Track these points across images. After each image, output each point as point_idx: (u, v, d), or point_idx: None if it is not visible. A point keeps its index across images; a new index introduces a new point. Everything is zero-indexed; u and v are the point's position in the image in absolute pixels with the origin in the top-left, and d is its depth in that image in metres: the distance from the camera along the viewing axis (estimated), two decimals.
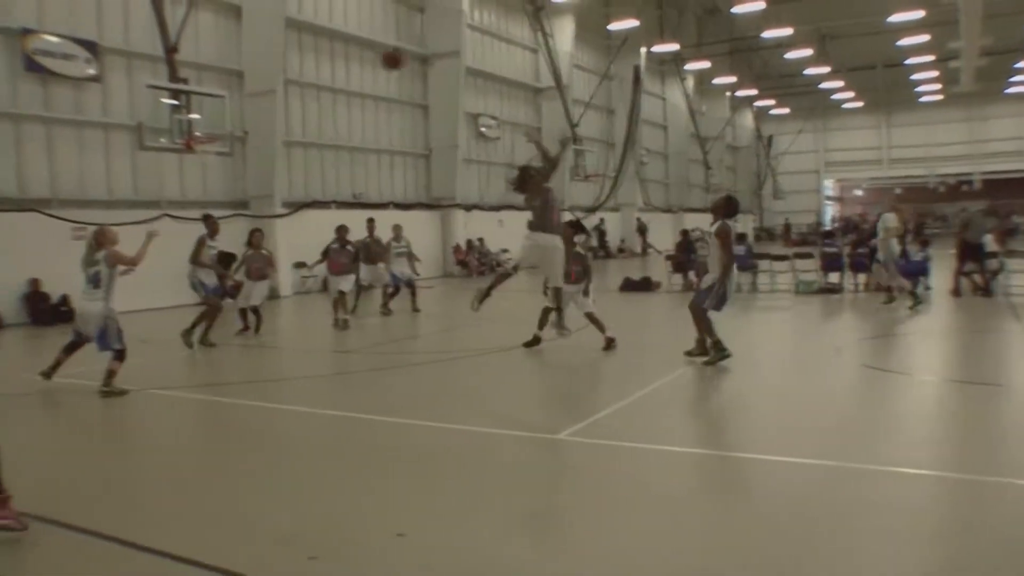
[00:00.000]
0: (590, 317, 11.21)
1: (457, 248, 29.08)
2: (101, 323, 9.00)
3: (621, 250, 40.46)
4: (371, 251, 16.26)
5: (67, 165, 17.95)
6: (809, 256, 19.54)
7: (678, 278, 20.44)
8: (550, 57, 33.35)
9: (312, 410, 8.22)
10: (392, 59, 12.27)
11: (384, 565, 4.31)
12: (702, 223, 39.50)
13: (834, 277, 18.64)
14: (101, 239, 9.17)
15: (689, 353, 9.90)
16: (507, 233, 32.09)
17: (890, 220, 15.13)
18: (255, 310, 13.76)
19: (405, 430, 7.21)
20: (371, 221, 16.72)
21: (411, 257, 17.04)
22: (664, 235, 40.53)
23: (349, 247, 15.17)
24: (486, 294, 9.15)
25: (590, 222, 38.43)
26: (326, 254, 15.13)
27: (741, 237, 21.83)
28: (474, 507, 5.18)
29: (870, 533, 4.50)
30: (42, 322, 16.22)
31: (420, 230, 27.25)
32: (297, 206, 22.58)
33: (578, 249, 11.60)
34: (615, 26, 36.80)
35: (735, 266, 9.94)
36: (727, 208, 10.01)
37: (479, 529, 4.78)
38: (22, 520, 4.72)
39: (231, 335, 13.28)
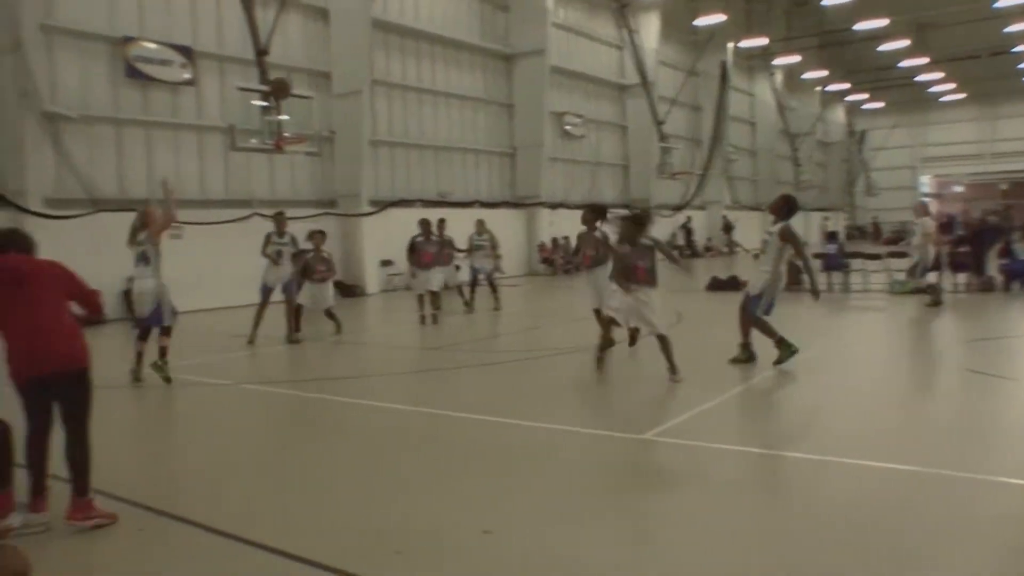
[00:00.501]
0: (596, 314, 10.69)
1: (542, 246, 29.01)
2: (155, 299, 9.29)
3: (708, 249, 39.77)
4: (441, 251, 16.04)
5: (163, 166, 18.51)
6: (904, 255, 18.76)
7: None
8: (635, 54, 33.00)
9: (398, 406, 8.21)
10: (281, 87, 12.11)
11: (469, 562, 4.26)
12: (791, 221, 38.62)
13: (931, 277, 17.82)
14: (147, 219, 9.40)
15: (735, 360, 9.54)
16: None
17: (928, 225, 15.60)
18: (329, 313, 13.46)
19: (491, 427, 7.14)
20: (442, 222, 16.06)
21: (494, 252, 16.95)
22: (752, 234, 39.60)
23: (434, 238, 15.17)
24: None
25: (676, 221, 37.95)
26: (412, 248, 15.12)
27: (832, 236, 21.09)
28: (560, 506, 5.08)
29: (970, 542, 4.20)
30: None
31: (505, 228, 27.24)
32: (383, 205, 22.84)
33: (597, 234, 11.07)
34: (701, 21, 36.14)
35: (783, 269, 9.57)
36: (786, 207, 9.56)
37: (564, 528, 4.68)
38: (110, 515, 4.87)
39: (323, 334, 13.42)
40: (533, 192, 28.91)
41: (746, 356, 9.53)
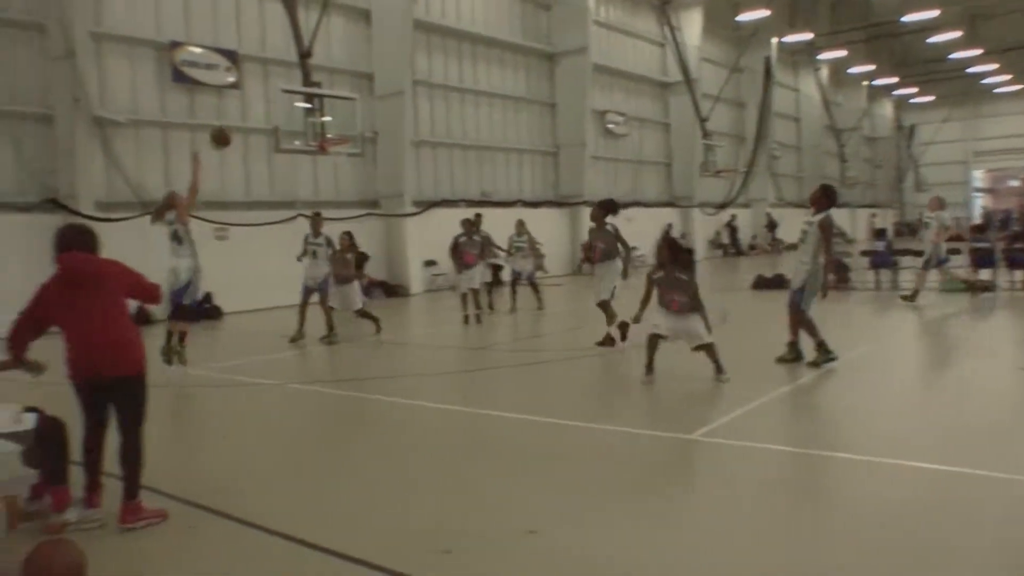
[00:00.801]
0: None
1: (585, 245, 28.79)
2: (189, 275, 9.62)
3: (752, 247, 39.27)
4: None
5: (209, 168, 18.71)
6: (956, 252, 18.30)
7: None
8: (678, 51, 32.71)
9: (442, 406, 8.21)
10: (221, 138, 12.76)
11: (515, 562, 4.23)
12: (837, 218, 37.99)
13: (985, 274, 17.39)
14: (171, 201, 10.06)
15: (782, 359, 9.37)
16: (636, 230, 31.58)
17: (945, 218, 15.60)
18: (361, 314, 13.29)
19: (536, 427, 7.10)
20: (478, 217, 16.08)
21: (534, 253, 16.88)
22: (797, 231, 39.01)
23: (476, 237, 15.17)
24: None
25: (720, 219, 37.54)
26: (456, 247, 15.14)
27: (880, 233, 20.66)
28: (606, 507, 5.04)
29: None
30: (186, 317, 16.92)
31: (548, 228, 27.24)
32: (426, 205, 22.90)
33: (608, 228, 11.28)
34: (744, 17, 35.70)
35: (822, 260, 9.38)
36: (827, 198, 9.45)
37: (610, 529, 4.64)
38: (160, 513, 4.91)
39: (364, 334, 13.48)
40: (576, 191, 28.79)
41: (793, 355, 9.37)
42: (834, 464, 5.78)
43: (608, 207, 11.68)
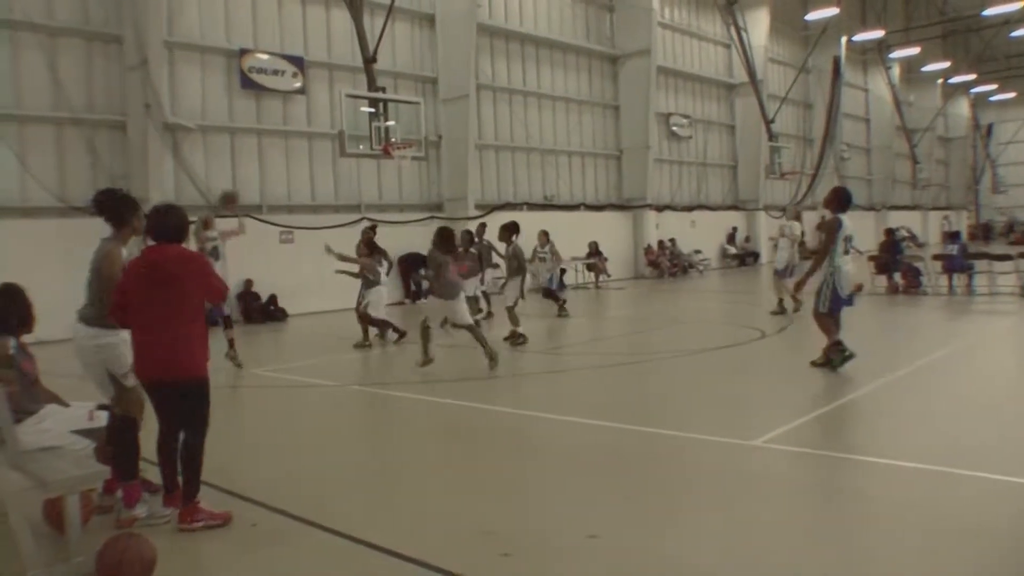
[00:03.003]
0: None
1: (648, 249, 28.62)
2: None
3: (815, 251, 38.36)
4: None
5: (275, 173, 19.16)
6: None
7: (882, 279, 19.06)
8: (743, 52, 32.21)
9: (500, 408, 8.20)
10: (230, 200, 14.36)
11: (575, 566, 4.18)
12: (909, 221, 37.00)
13: None
14: (208, 224, 10.94)
15: (840, 363, 9.03)
16: (699, 233, 31.37)
17: (796, 228, 15.31)
18: (376, 322, 12.85)
19: (596, 432, 7.03)
20: (482, 227, 16.51)
21: (555, 264, 16.89)
22: (866, 234, 38.06)
23: (473, 249, 14.83)
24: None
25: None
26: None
27: (954, 236, 19.97)
28: (666, 512, 4.97)
29: None
30: (253, 320, 17.33)
31: (611, 231, 27.16)
32: (489, 208, 22.94)
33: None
34: (813, 16, 35.01)
35: (841, 261, 9.03)
36: (837, 201, 9.28)
37: (671, 535, 4.57)
38: (220, 516, 4.90)
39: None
40: (639, 194, 28.58)
41: (844, 355, 9.02)
42: (902, 474, 5.59)
43: (513, 229, 13.27)
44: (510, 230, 13.21)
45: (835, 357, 8.92)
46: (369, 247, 13.27)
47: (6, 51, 15.32)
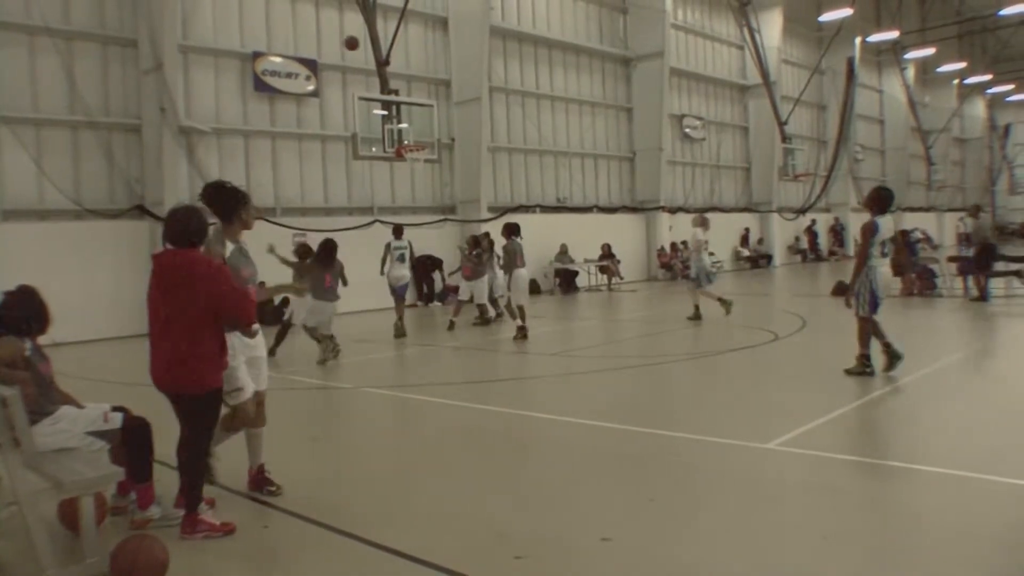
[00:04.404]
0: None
1: (661, 251, 28.57)
2: None
3: (832, 253, 38.26)
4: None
5: (289, 175, 19.25)
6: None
7: (896, 281, 18.89)
8: (757, 53, 32.12)
9: (513, 411, 8.20)
10: (351, 43, 14.79)
11: (588, 569, 4.17)
12: (924, 223, 36.71)
13: None
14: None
15: (887, 368, 8.89)
16: (712, 235, 31.14)
17: (700, 235, 15.49)
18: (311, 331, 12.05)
19: (609, 434, 7.03)
20: (484, 235, 16.98)
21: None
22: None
23: (476, 252, 15.88)
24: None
25: (800, 224, 36.67)
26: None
27: (968, 237, 19.81)
28: (680, 515, 4.94)
29: None
30: (266, 322, 17.28)
31: (624, 233, 27.10)
32: (502, 210, 22.96)
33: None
34: (827, 16, 34.90)
35: (876, 262, 8.77)
36: (878, 201, 8.94)
37: (684, 538, 4.56)
38: (222, 527, 4.83)
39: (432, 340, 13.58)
40: (652, 196, 28.53)
41: (893, 357, 8.88)
42: (917, 478, 5.56)
43: (512, 228, 13.85)
44: (509, 229, 13.84)
45: (857, 366, 8.78)
46: (301, 255, 13.00)
47: (23, 55, 15.46)
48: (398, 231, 15.17)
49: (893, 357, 8.80)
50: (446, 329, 14.89)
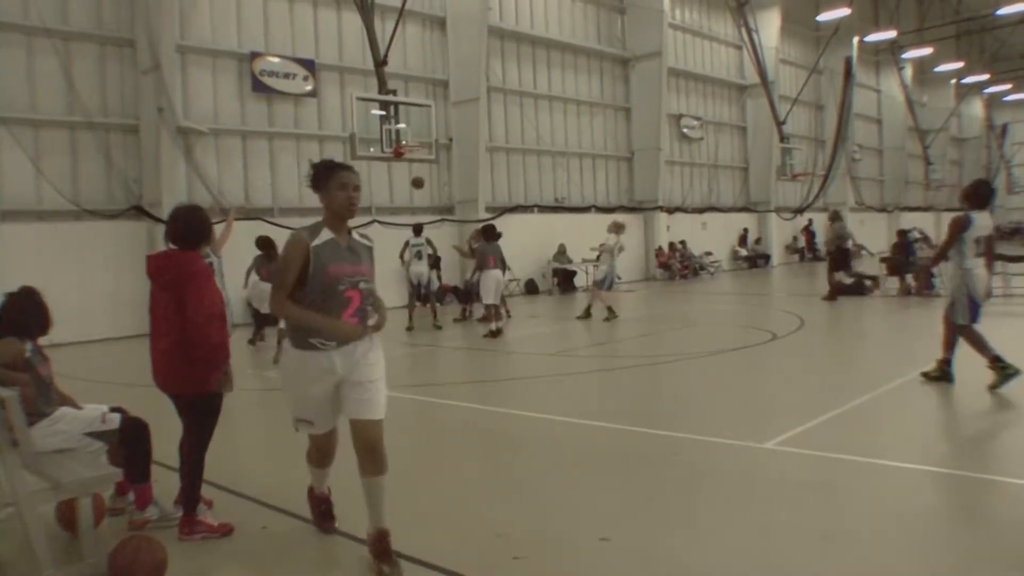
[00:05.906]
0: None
1: (659, 251, 28.58)
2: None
3: (830, 252, 38.17)
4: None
5: (287, 176, 19.24)
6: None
7: (894, 281, 18.97)
8: (755, 53, 32.14)
9: (513, 411, 8.20)
10: (418, 182, 15.93)
11: (587, 569, 4.18)
12: (920, 222, 36.69)
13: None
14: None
15: (927, 375, 8.58)
16: (710, 235, 31.30)
17: (611, 240, 15.89)
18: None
19: (607, 434, 7.04)
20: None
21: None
22: (879, 236, 37.92)
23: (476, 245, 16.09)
24: None
25: (797, 224, 36.68)
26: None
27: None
28: (679, 515, 4.96)
29: None
30: (261, 323, 17.29)
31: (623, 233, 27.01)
32: (500, 211, 22.96)
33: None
34: (825, 16, 34.92)
35: (972, 263, 8.36)
36: (977, 195, 8.42)
37: (683, 538, 4.56)
38: (220, 528, 4.84)
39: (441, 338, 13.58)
40: (651, 196, 28.54)
41: (938, 373, 8.48)
42: (914, 477, 5.57)
43: (486, 232, 14.86)
44: (484, 231, 15.02)
45: (997, 374, 7.91)
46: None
47: (21, 56, 15.45)
48: (417, 229, 16.06)
49: (1005, 372, 7.92)
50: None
